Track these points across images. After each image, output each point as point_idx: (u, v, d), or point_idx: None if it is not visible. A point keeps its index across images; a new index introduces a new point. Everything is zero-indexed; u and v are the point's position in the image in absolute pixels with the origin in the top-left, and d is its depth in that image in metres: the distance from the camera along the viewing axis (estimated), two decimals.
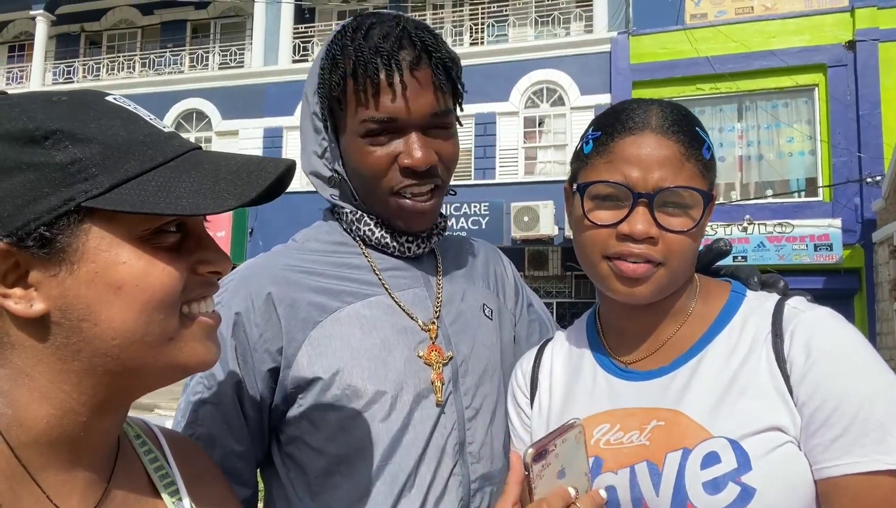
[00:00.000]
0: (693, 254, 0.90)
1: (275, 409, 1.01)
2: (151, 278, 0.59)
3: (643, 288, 0.87)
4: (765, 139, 11.37)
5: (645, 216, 0.85)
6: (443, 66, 1.01)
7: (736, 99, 11.40)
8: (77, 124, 0.58)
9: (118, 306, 0.58)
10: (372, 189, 1.04)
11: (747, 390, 0.83)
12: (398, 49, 0.98)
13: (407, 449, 0.97)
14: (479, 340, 1.10)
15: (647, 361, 0.94)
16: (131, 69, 15.55)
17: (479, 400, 1.05)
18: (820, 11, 11.03)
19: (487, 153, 12.50)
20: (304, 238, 1.13)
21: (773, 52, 10.92)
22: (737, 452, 0.79)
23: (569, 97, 12.21)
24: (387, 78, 0.98)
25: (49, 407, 0.59)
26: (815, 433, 0.79)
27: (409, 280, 1.09)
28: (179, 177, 0.60)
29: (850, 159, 10.55)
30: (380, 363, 0.99)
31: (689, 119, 0.91)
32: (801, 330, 0.84)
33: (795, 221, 10.44)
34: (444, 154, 1.04)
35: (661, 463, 0.83)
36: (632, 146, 0.86)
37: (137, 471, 0.70)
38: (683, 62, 11.32)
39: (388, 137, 1.00)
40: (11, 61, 16.64)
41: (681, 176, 0.85)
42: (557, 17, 13.38)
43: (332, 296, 1.02)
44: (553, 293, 12.56)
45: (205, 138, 13.99)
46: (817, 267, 10.30)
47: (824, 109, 10.86)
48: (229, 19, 15.58)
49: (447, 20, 14.03)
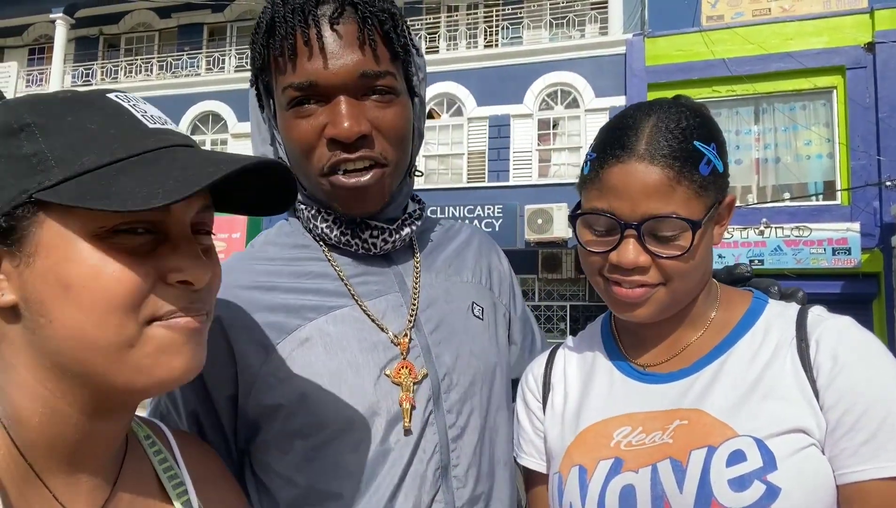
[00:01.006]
0: (699, 271, 0.89)
1: (240, 435, 0.93)
2: (102, 279, 0.56)
3: (642, 310, 0.89)
4: (782, 142, 11.24)
5: (634, 246, 0.85)
6: (375, 19, 0.88)
7: (753, 101, 11.29)
8: (53, 119, 0.58)
9: (68, 305, 0.56)
10: (303, 170, 0.92)
11: (772, 391, 0.83)
12: (317, 3, 0.87)
13: (382, 479, 0.87)
14: (465, 348, 0.98)
15: (667, 364, 0.93)
16: (149, 72, 15.71)
17: (465, 417, 0.95)
18: (839, 13, 10.89)
19: (501, 155, 12.47)
20: (263, 242, 1.02)
21: (791, 54, 10.79)
22: (762, 451, 0.79)
23: (583, 99, 12.16)
24: (302, 36, 0.86)
25: (37, 405, 0.58)
26: (841, 438, 0.79)
27: (380, 285, 0.96)
28: (135, 172, 0.56)
29: (868, 162, 10.41)
30: (346, 387, 0.88)
31: (687, 132, 0.86)
32: (827, 336, 0.84)
33: (813, 224, 10.31)
34: (382, 123, 0.89)
35: (685, 460, 0.83)
36: (619, 175, 0.85)
37: (146, 473, 0.69)
38: (699, 64, 11.23)
39: (314, 108, 0.88)
40: (31, 64, 16.86)
41: (670, 203, 0.84)
42: (572, 20, 13.33)
43: (291, 313, 0.91)
44: (567, 296, 12.50)
45: (220, 141, 14.10)
46: (835, 271, 10.16)
47: (843, 112, 10.72)
48: (245, 23, 15.68)
49: (461, 23, 14.03)
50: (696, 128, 0.87)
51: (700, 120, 0.89)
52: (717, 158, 0.88)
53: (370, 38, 0.87)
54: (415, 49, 0.96)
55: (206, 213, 0.65)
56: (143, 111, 0.62)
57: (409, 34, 0.95)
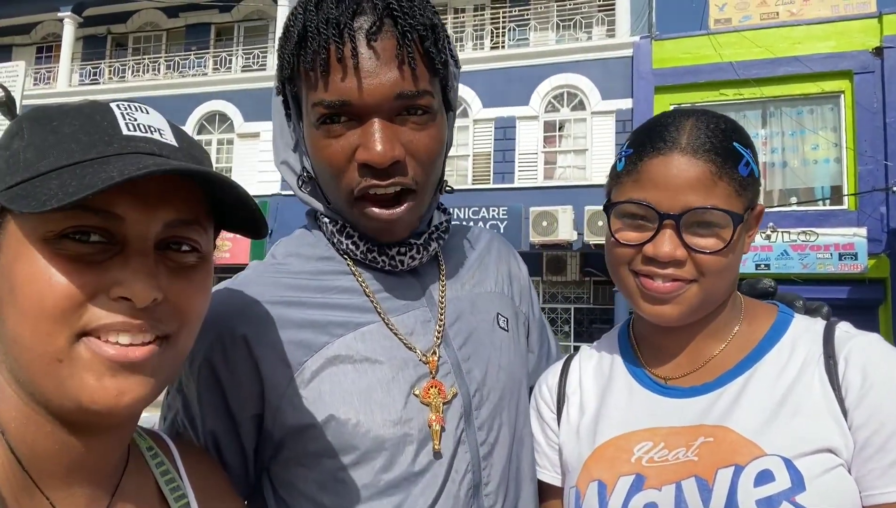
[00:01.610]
0: (731, 272, 0.87)
1: (262, 453, 0.89)
2: (38, 283, 0.54)
3: (671, 308, 0.86)
4: (789, 146, 11.21)
5: (671, 238, 0.84)
6: (415, 34, 0.81)
7: (760, 105, 11.26)
8: (39, 123, 0.59)
9: (13, 306, 0.55)
10: (331, 190, 0.88)
11: (800, 409, 0.82)
12: (353, 15, 0.79)
13: (415, 501, 0.84)
14: (494, 361, 0.95)
15: (689, 378, 0.91)
16: (156, 71, 15.77)
17: (496, 433, 0.92)
18: (847, 17, 10.85)
19: (507, 157, 12.47)
20: (285, 253, 0.96)
21: (799, 58, 10.76)
22: (791, 471, 0.78)
23: (589, 102, 12.14)
24: (336, 52, 0.78)
25: (13, 412, 0.57)
26: (870, 458, 0.77)
27: (407, 300, 0.93)
28: (72, 174, 0.54)
29: (876, 168, 10.36)
30: (377, 406, 0.85)
31: (727, 133, 0.86)
32: (856, 354, 0.82)
33: (820, 229, 10.28)
34: (417, 147, 0.83)
35: (711, 479, 0.81)
36: (660, 166, 0.84)
37: (148, 484, 0.69)
38: (707, 67, 11.21)
39: (346, 127, 0.82)
40: (39, 62, 16.95)
41: (711, 197, 0.83)
42: (579, 22, 13.32)
43: (319, 329, 0.87)
44: (571, 299, 12.48)
45: (227, 140, 14.14)
46: (842, 277, 10.12)
47: (850, 117, 10.68)
48: (253, 23, 15.74)
49: (468, 24, 14.03)
50: (734, 131, 0.88)
51: (736, 126, 0.89)
52: (753, 163, 0.88)
53: (409, 57, 0.80)
54: (453, 60, 0.89)
55: (189, 228, 0.61)
56: (133, 118, 0.60)
57: (450, 46, 0.88)
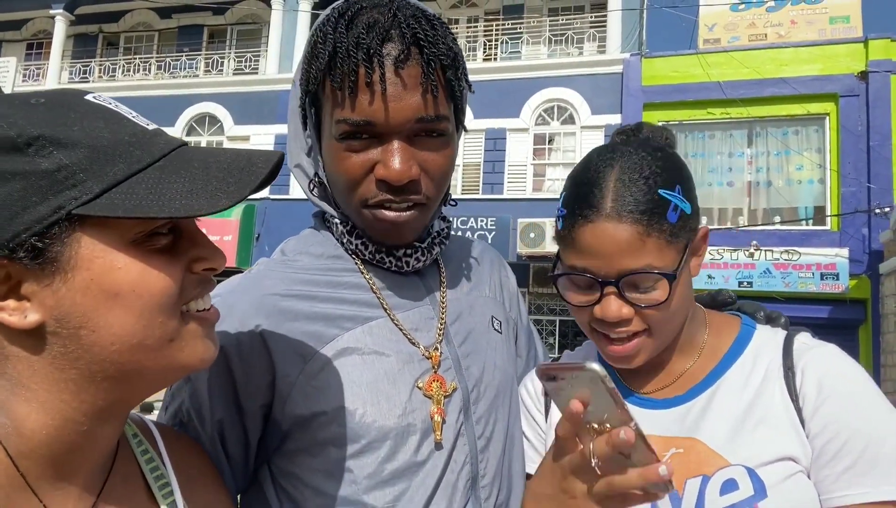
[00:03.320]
0: (680, 311, 0.92)
1: (266, 444, 0.92)
2: (148, 282, 0.58)
3: (634, 360, 0.92)
4: (774, 166, 11.35)
5: (615, 301, 0.88)
6: (438, 63, 0.86)
7: (746, 125, 11.40)
8: (59, 128, 0.56)
9: (116, 312, 0.57)
10: (343, 198, 0.93)
11: (763, 420, 0.86)
12: (383, 42, 0.84)
13: (415, 491, 0.87)
14: (490, 359, 1.00)
15: (663, 391, 0.96)
16: (147, 71, 15.69)
17: (492, 428, 0.96)
18: (833, 41, 11.04)
19: (496, 168, 12.52)
20: (295, 250, 1.01)
21: (786, 79, 10.93)
22: (753, 479, 0.82)
23: (579, 116, 12.24)
24: (366, 76, 0.83)
25: (48, 418, 0.58)
26: (826, 465, 0.82)
27: (412, 298, 0.98)
28: (170, 177, 0.58)
29: (859, 190, 10.52)
30: (383, 397, 0.89)
31: (651, 181, 0.87)
32: (812, 366, 0.87)
33: (802, 248, 10.40)
34: (432, 167, 0.90)
35: (681, 489, 0.86)
36: (590, 236, 0.87)
37: (134, 474, 0.69)
38: (695, 86, 11.35)
39: (366, 143, 0.87)
40: (29, 59, 16.81)
41: (643, 257, 0.85)
42: (571, 37, 13.44)
43: (329, 322, 0.91)
44: (557, 311, 12.51)
45: (216, 143, 14.07)
46: (823, 296, 10.23)
47: (835, 139, 10.84)
48: (246, 26, 15.73)
49: (461, 35, 14.11)
50: (658, 174, 0.88)
51: (663, 163, 0.89)
52: (683, 202, 0.89)
53: (432, 84, 0.85)
54: (467, 85, 0.94)
55: None
56: (131, 113, 0.63)
57: (466, 73, 0.93)
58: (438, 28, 0.88)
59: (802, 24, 11.45)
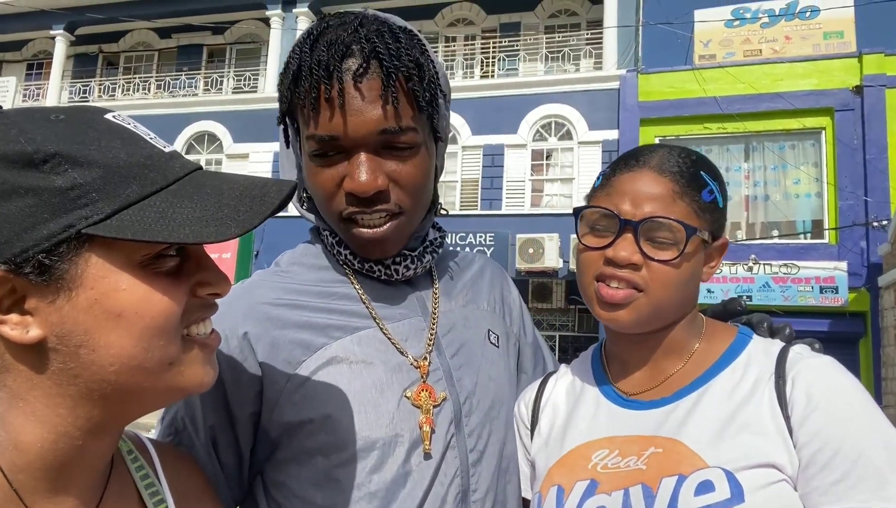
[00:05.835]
0: (682, 288, 0.92)
1: (257, 453, 0.93)
2: (151, 305, 0.58)
3: (623, 313, 0.91)
4: (771, 180, 11.40)
5: (629, 243, 0.89)
6: (400, 75, 0.87)
7: (743, 139, 11.47)
8: (76, 147, 0.56)
9: (117, 333, 0.57)
10: (324, 213, 0.96)
11: (748, 426, 0.85)
12: (342, 58, 0.85)
13: (402, 502, 0.87)
14: (484, 373, 0.99)
15: (650, 393, 0.96)
16: (146, 91, 15.79)
17: (485, 441, 0.95)
18: (828, 56, 11.14)
19: (494, 184, 12.57)
20: (289, 262, 1.03)
21: (781, 94, 11.01)
22: (731, 483, 0.81)
23: (577, 132, 12.31)
24: (325, 92, 0.85)
25: (43, 431, 0.58)
26: (813, 476, 0.81)
27: (402, 309, 0.98)
28: (181, 202, 0.58)
29: (856, 203, 10.56)
30: (371, 407, 0.89)
31: (696, 163, 0.94)
32: (803, 375, 0.86)
33: (801, 262, 10.42)
34: (400, 176, 0.90)
35: (655, 487, 0.85)
36: (628, 181, 0.92)
37: (128, 490, 0.69)
38: (691, 101, 11.42)
39: (335, 158, 0.89)
40: (29, 79, 16.91)
41: (671, 211, 0.89)
42: (567, 54, 13.56)
43: (318, 331, 0.92)
44: (556, 327, 12.50)
45: (215, 161, 14.13)
46: (822, 310, 10.23)
47: (831, 153, 10.90)
48: (245, 45, 15.85)
49: (459, 53, 14.24)
50: (703, 163, 0.95)
51: (707, 162, 0.96)
52: (718, 194, 0.94)
53: (392, 96, 0.86)
54: (442, 94, 0.94)
55: None
56: (148, 134, 0.63)
57: (438, 82, 0.93)
58: (403, 40, 0.88)
59: (797, 40, 11.56)
